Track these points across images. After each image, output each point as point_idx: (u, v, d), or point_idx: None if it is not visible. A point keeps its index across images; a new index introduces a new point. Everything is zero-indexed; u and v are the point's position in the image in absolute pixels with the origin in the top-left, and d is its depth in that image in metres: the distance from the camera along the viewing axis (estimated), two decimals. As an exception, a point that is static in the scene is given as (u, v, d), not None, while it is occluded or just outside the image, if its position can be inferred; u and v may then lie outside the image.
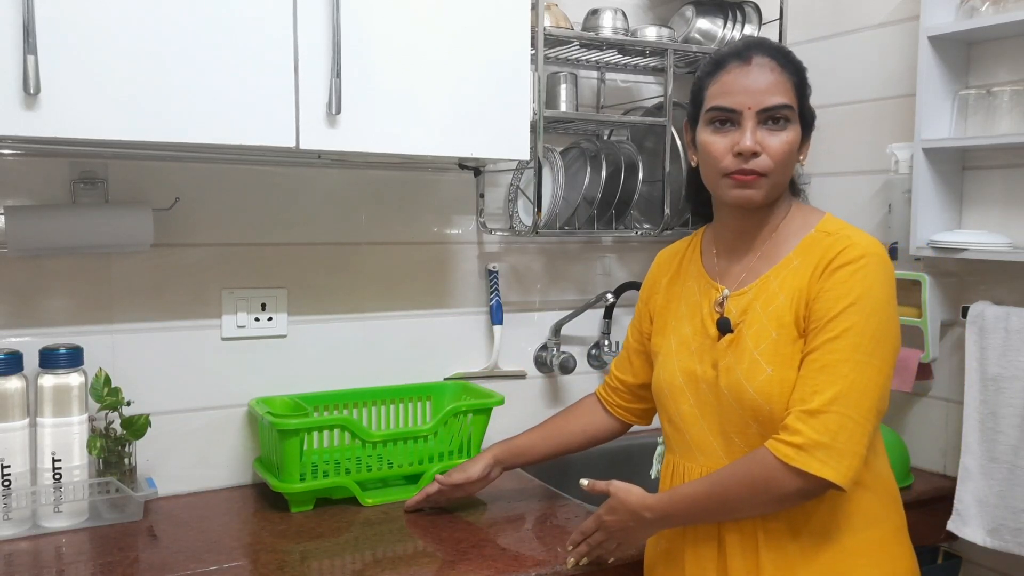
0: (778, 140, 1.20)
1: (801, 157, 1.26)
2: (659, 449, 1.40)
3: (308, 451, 1.61)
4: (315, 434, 1.65)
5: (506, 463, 1.58)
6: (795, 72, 1.23)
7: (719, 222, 1.33)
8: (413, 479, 1.73)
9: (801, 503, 1.16)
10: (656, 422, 1.45)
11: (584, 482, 1.31)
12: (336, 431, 1.69)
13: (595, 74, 2.12)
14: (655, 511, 1.23)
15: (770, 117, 1.20)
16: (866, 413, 1.12)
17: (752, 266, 1.27)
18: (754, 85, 1.20)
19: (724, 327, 1.25)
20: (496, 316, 2.01)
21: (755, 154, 1.19)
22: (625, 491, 1.26)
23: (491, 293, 2.02)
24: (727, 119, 1.21)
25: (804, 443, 1.10)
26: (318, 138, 1.43)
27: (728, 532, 1.23)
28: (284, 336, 1.81)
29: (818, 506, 1.19)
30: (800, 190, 1.35)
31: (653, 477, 1.42)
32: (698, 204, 1.39)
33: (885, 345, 1.15)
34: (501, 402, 1.79)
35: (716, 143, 1.22)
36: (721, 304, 1.27)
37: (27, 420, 1.50)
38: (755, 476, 1.14)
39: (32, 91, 1.21)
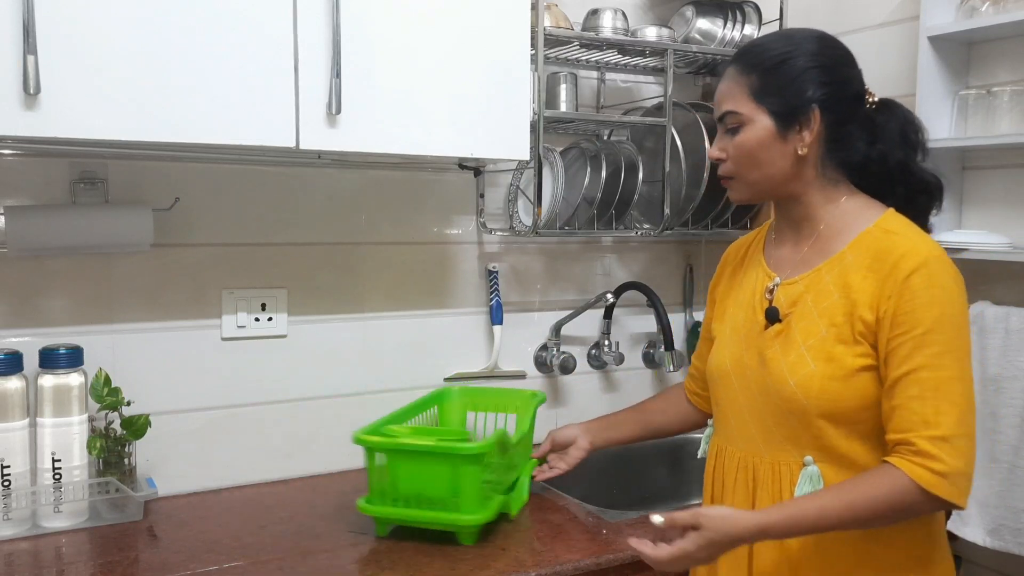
0: (732, 145, 1.27)
1: (798, 145, 1.23)
2: (707, 431, 1.42)
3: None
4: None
5: (599, 447, 1.66)
6: (754, 70, 1.24)
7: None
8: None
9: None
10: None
11: (658, 520, 1.17)
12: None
13: (595, 74, 2.12)
14: (772, 533, 1.14)
15: (725, 125, 1.28)
16: (974, 424, 1.14)
17: (804, 256, 1.27)
18: (716, 97, 1.29)
19: (772, 316, 1.26)
20: (496, 316, 2.01)
21: (722, 160, 1.29)
22: (722, 519, 1.14)
23: (491, 293, 2.02)
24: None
25: (947, 471, 1.10)
26: (318, 138, 1.43)
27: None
28: (284, 336, 1.80)
29: None
30: (924, 180, 1.28)
31: (700, 456, 1.44)
32: None
33: (969, 349, 1.16)
34: (544, 399, 1.82)
35: None
36: (771, 292, 1.28)
37: (27, 420, 1.50)
38: (894, 501, 1.11)
39: (32, 91, 1.21)
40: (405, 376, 1.92)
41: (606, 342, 2.17)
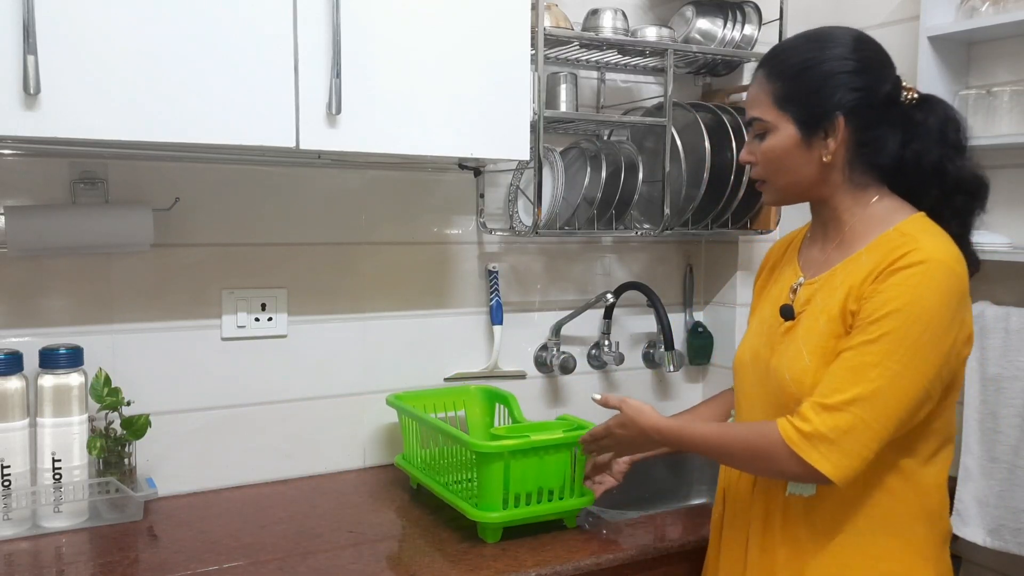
0: (759, 150, 1.28)
1: (823, 152, 1.22)
2: (730, 420, 1.44)
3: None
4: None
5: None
6: (780, 77, 1.24)
7: None
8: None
9: (796, 481, 1.22)
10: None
11: (596, 396, 1.47)
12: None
13: (595, 74, 2.12)
14: (663, 436, 1.34)
15: (753, 130, 1.30)
16: (884, 421, 1.12)
17: (828, 256, 1.28)
18: (746, 100, 1.31)
19: (786, 314, 1.28)
20: (496, 316, 2.01)
21: (751, 163, 1.30)
22: (637, 411, 1.37)
23: (491, 293, 2.02)
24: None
25: (810, 433, 1.13)
26: (318, 138, 1.43)
27: (754, 519, 1.30)
28: (284, 336, 1.81)
29: (835, 503, 1.21)
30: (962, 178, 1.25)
31: None
32: None
33: (926, 356, 1.12)
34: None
35: None
36: (795, 291, 1.30)
37: (27, 420, 1.50)
38: (758, 446, 1.19)
39: (32, 91, 1.21)
40: (405, 376, 1.92)
41: (606, 342, 2.17)
